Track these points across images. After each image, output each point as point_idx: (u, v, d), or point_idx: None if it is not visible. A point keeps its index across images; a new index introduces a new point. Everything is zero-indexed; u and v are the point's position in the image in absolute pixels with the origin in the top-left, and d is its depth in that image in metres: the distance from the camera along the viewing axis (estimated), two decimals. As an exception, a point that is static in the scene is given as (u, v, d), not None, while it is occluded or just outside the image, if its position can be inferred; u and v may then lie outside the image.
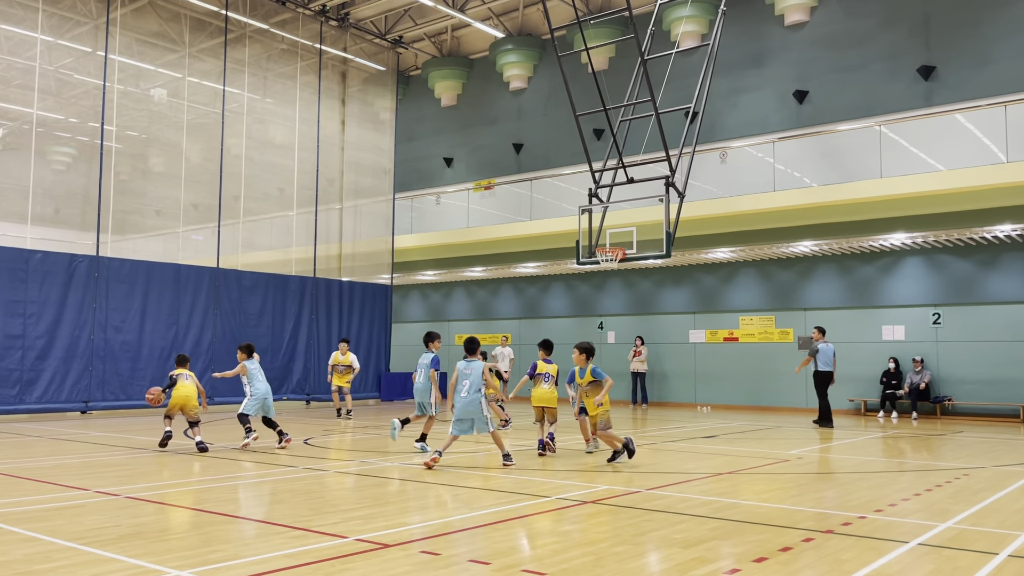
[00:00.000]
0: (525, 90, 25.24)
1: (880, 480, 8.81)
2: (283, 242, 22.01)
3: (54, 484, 8.03)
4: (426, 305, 28.25)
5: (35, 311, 16.12)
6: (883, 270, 19.32)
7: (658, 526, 6.16)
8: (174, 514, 6.57)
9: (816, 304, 20.15)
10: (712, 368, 21.58)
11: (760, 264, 20.99)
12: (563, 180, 21.44)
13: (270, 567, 4.86)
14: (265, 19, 21.42)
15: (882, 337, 19.20)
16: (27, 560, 4.98)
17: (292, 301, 20.82)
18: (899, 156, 16.63)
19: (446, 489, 7.88)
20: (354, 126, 23.90)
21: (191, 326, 18.53)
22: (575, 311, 24.38)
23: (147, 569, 4.80)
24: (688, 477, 8.78)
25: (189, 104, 20.32)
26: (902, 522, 6.42)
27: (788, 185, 17.79)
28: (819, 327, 16.37)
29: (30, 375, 15.93)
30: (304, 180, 21.88)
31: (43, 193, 17.78)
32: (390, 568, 4.88)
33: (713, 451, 11.45)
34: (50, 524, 6.06)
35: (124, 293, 17.47)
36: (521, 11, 24.27)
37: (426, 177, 26.72)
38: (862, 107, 18.96)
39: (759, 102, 20.73)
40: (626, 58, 21.71)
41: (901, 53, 18.85)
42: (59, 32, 18.64)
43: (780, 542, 5.63)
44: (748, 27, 20.95)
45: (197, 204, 20.22)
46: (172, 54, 20.38)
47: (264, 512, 6.82)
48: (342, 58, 23.60)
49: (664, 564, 5.11)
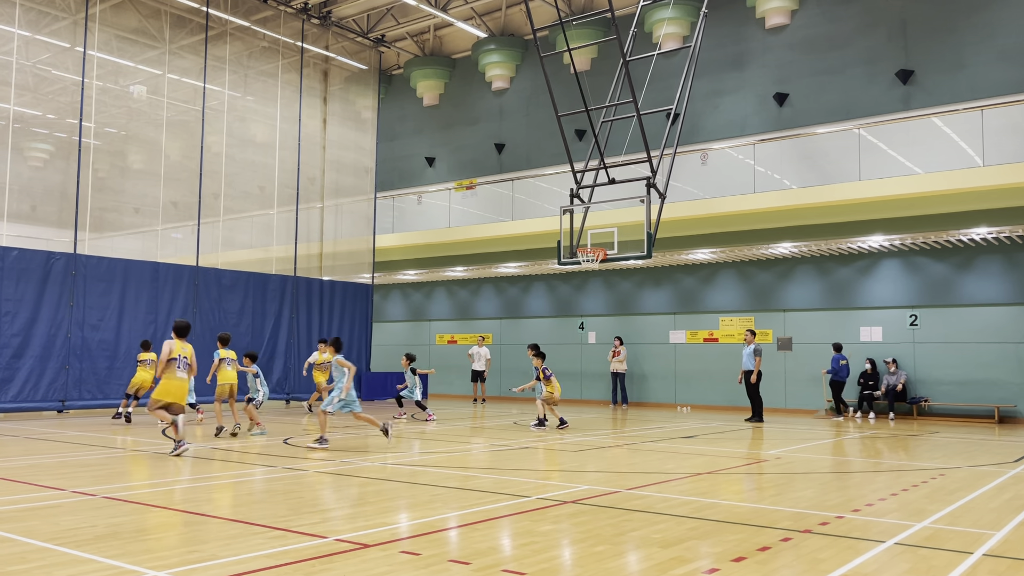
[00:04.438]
0: (507, 90, 25.25)
1: (857, 480, 8.90)
2: (263, 241, 21.87)
3: (29, 484, 7.94)
4: (407, 305, 28.18)
5: (10, 309, 15.91)
6: (861, 272, 19.52)
7: (637, 526, 6.19)
8: (152, 514, 6.51)
9: (795, 305, 20.32)
10: (692, 369, 21.70)
11: (740, 265, 21.13)
12: (545, 180, 21.47)
13: (249, 567, 4.84)
14: (246, 16, 21.27)
15: (860, 338, 19.39)
16: (2, 561, 4.91)
17: (272, 300, 20.69)
18: (877, 159, 16.80)
19: (426, 489, 7.87)
20: (336, 125, 23.80)
21: (169, 324, 18.34)
22: (556, 311, 24.42)
23: (124, 570, 4.76)
24: (668, 477, 8.83)
25: (169, 101, 20.14)
26: (879, 522, 6.49)
27: (768, 187, 17.92)
28: (751, 330, 17.52)
29: (5, 374, 15.73)
30: (285, 178, 21.76)
31: (20, 190, 17.56)
32: (370, 568, 4.87)
33: (693, 451, 11.52)
34: (25, 524, 5.99)
35: (101, 291, 17.29)
36: (504, 11, 24.28)
37: (407, 176, 26.66)
38: (841, 110, 19.14)
39: (740, 104, 20.86)
40: (608, 59, 21.78)
41: (879, 57, 19.05)
42: (37, 27, 18.41)
43: (758, 541, 5.67)
44: (729, 29, 21.09)
45: (176, 202, 20.05)
46: (152, 51, 20.19)
47: (243, 512, 6.78)
48: (324, 56, 23.49)
49: (643, 564, 5.13)
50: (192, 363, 10.62)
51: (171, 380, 10.26)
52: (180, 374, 10.37)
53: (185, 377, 10.45)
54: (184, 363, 10.45)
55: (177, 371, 10.34)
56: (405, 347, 27.50)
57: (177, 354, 10.39)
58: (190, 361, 10.57)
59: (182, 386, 10.39)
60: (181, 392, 10.38)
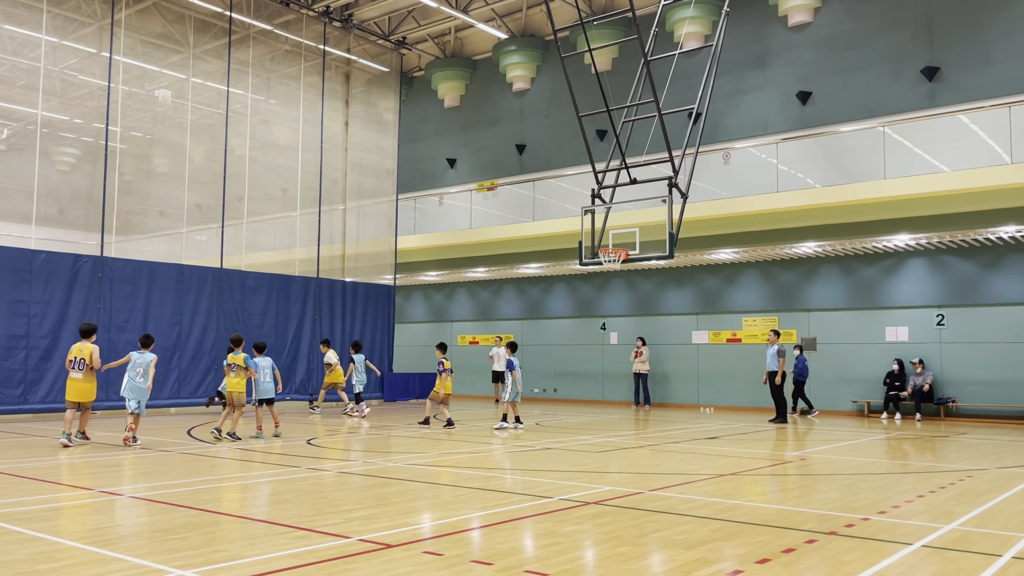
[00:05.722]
0: (528, 91, 25.25)
1: (883, 482, 8.80)
2: (287, 243, 22.03)
3: (57, 484, 8.05)
4: (429, 306, 28.26)
5: (39, 311, 16.14)
6: (886, 271, 19.30)
7: (660, 527, 6.16)
8: (176, 514, 6.58)
9: (819, 305, 20.13)
10: (715, 369, 21.56)
11: (763, 265, 20.97)
12: (566, 181, 21.44)
13: (273, 567, 4.87)
14: (269, 20, 21.44)
15: (885, 338, 19.17)
16: (30, 560, 4.99)
17: (295, 301, 20.84)
18: (903, 157, 16.60)
19: (449, 489, 7.88)
20: (357, 127, 23.92)
21: (194, 326, 18.55)
22: (577, 312, 24.38)
23: (150, 569, 4.81)
24: (691, 478, 8.78)
25: (193, 105, 20.35)
26: (905, 524, 6.41)
27: (791, 186, 17.77)
28: (775, 330, 17.63)
29: (34, 375, 15.96)
30: (307, 181, 21.90)
31: (47, 193, 17.81)
32: (393, 568, 4.88)
33: (716, 452, 11.45)
34: (53, 524, 6.08)
35: (127, 293, 17.49)
36: (524, 12, 24.28)
37: (429, 178, 26.74)
38: (865, 108, 18.94)
39: (762, 103, 20.72)
40: (629, 59, 21.71)
41: (904, 54, 18.83)
42: (63, 33, 18.68)
43: (783, 543, 5.63)
44: (751, 28, 20.94)
45: (201, 205, 20.25)
46: (176, 55, 20.42)
47: (267, 512, 6.83)
48: (346, 59, 23.62)
49: (666, 565, 5.11)
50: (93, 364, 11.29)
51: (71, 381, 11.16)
52: (74, 375, 11.14)
53: (79, 377, 11.14)
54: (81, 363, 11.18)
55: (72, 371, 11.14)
56: (427, 348, 27.62)
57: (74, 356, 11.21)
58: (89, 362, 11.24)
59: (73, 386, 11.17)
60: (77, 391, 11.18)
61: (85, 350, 11.23)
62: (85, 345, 11.27)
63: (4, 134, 18.63)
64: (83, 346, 11.26)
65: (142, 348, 11.86)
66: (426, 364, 26.79)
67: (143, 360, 11.58)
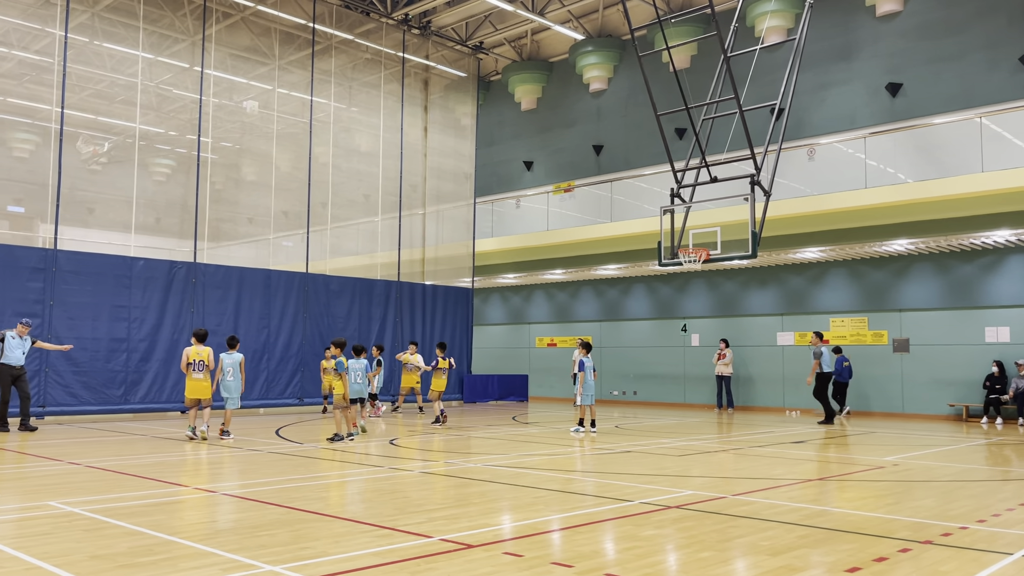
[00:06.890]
0: (605, 91, 25.11)
1: (983, 489, 8.39)
2: (368, 247, 22.52)
3: (156, 480, 8.43)
4: (506, 308, 28.41)
5: (138, 315, 16.94)
6: (985, 269, 18.40)
7: (744, 532, 6.03)
8: (266, 511, 6.79)
9: (912, 305, 19.34)
10: (801, 372, 20.94)
11: (851, 264, 20.29)
12: (644, 181, 21.22)
13: (357, 564, 4.98)
14: (350, 30, 21.97)
15: (985, 339, 18.28)
16: (131, 553, 5.24)
17: (377, 305, 21.28)
18: (1001, 149, 15.82)
19: (529, 491, 7.90)
20: (436, 132, 24.27)
21: (281, 329, 19.15)
22: (657, 313, 24.09)
23: (242, 563, 4.99)
24: (775, 483, 8.56)
25: (279, 115, 21.02)
26: (1006, 533, 6.10)
27: (881, 182, 17.15)
28: (818, 332, 17.59)
29: (134, 376, 16.76)
30: (388, 186, 22.33)
31: (145, 203, 18.69)
32: (473, 568, 4.93)
33: (802, 457, 11.13)
34: (152, 519, 6.36)
35: (219, 298, 18.19)
36: (601, 12, 24.16)
37: (506, 181, 26.88)
38: (960, 98, 18.12)
39: (848, 96, 20.05)
40: (708, 56, 21.35)
41: (1000, 42, 17.93)
42: (159, 49, 19.57)
43: (874, 552, 5.43)
44: (836, 19, 20.31)
45: (287, 211, 20.90)
46: (263, 67, 21.13)
47: (351, 511, 6.99)
48: (424, 66, 23.99)
49: (751, 571, 5.00)
50: (210, 364, 12.34)
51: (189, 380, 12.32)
52: (196, 375, 12.23)
53: (200, 376, 12.22)
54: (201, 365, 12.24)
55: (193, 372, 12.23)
56: (506, 350, 27.78)
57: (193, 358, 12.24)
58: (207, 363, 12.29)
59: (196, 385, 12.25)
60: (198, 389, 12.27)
61: (203, 352, 12.29)
62: (202, 348, 12.35)
63: (105, 147, 19.64)
64: (200, 349, 12.31)
65: (229, 349, 12.78)
66: (505, 366, 26.97)
67: (232, 360, 12.60)
